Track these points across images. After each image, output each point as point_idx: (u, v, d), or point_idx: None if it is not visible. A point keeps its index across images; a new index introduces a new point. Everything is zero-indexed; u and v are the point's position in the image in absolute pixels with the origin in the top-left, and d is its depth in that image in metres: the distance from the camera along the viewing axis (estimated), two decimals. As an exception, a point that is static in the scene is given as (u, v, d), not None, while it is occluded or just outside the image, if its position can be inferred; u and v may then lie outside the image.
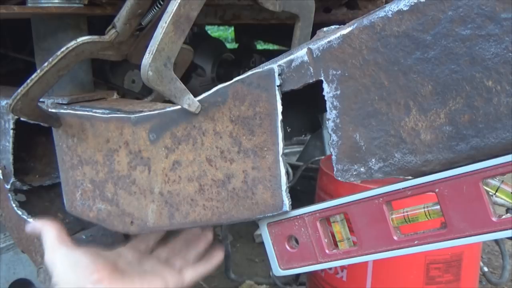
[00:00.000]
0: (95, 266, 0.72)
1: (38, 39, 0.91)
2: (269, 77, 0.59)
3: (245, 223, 1.09)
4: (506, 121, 0.46)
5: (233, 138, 0.64)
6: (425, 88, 0.50)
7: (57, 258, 0.74)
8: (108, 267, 0.73)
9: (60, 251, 0.75)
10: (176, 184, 0.70)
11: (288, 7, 0.86)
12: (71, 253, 0.74)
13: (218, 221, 0.67)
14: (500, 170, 0.48)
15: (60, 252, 0.75)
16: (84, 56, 0.74)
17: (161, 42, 0.59)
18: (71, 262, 0.73)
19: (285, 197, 0.61)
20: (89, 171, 0.81)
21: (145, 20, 0.76)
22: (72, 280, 0.71)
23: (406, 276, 1.31)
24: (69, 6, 0.83)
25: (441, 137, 0.50)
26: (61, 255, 0.74)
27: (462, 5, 0.46)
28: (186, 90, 0.64)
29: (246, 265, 2.45)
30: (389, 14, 0.51)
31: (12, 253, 1.52)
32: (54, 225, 0.79)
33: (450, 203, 0.52)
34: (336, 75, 0.55)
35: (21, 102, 0.74)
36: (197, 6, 0.61)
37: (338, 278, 1.40)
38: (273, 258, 0.67)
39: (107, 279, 0.71)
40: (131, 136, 0.73)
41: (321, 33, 0.60)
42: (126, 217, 0.77)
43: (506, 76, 0.45)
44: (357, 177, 0.57)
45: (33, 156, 1.04)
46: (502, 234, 0.49)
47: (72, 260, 0.73)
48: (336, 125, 0.57)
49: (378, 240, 0.57)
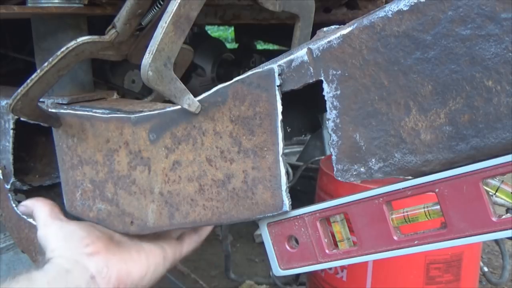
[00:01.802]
0: (90, 238, 0.70)
1: (38, 39, 0.91)
2: (269, 77, 0.59)
3: (245, 223, 1.09)
4: (506, 121, 0.46)
5: (233, 138, 0.64)
6: (425, 88, 0.50)
7: (51, 232, 0.72)
8: (103, 239, 0.72)
9: (54, 225, 0.73)
10: (176, 184, 0.70)
11: (288, 7, 0.86)
12: (66, 226, 0.72)
13: (218, 221, 0.67)
14: (500, 170, 0.48)
15: (54, 226, 0.73)
16: (84, 56, 0.74)
17: (161, 42, 0.59)
18: (65, 234, 0.71)
19: (285, 197, 0.61)
20: (89, 171, 0.81)
21: (145, 20, 0.76)
22: (67, 253, 0.69)
23: (406, 276, 1.31)
24: (69, 6, 0.83)
25: (441, 137, 0.50)
26: (55, 229, 0.72)
27: (462, 5, 0.46)
28: (186, 90, 0.64)
29: (246, 265, 2.45)
30: (389, 14, 0.51)
31: (12, 253, 1.52)
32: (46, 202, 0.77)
33: (450, 203, 0.52)
34: (336, 75, 0.55)
35: (21, 102, 0.74)
36: (197, 6, 0.61)
37: (338, 278, 1.40)
38: (273, 258, 0.67)
39: (103, 250, 0.70)
40: (131, 136, 0.74)
41: (321, 33, 0.60)
42: (126, 217, 0.77)
43: (506, 76, 0.45)
44: (357, 177, 0.57)
45: (33, 156, 1.04)
46: (502, 234, 0.49)
47: (67, 232, 0.71)
48: (336, 125, 0.57)
49: (378, 240, 0.57)
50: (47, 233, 0.73)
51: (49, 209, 0.76)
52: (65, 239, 0.71)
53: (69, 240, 0.70)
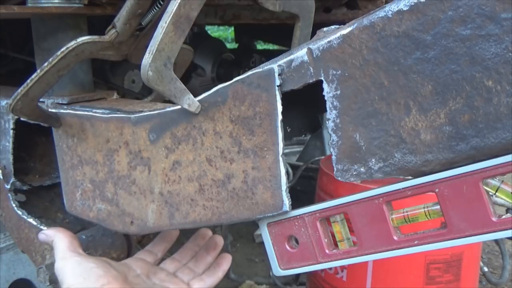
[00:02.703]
0: (107, 278, 0.70)
1: (38, 39, 0.91)
2: (269, 77, 0.59)
3: (245, 223, 1.09)
4: (506, 121, 0.46)
5: (233, 138, 0.64)
6: (425, 88, 0.50)
7: (69, 266, 0.72)
8: (119, 279, 0.72)
9: (72, 260, 0.73)
10: (176, 184, 0.70)
11: (288, 7, 0.86)
12: (84, 263, 0.73)
13: (218, 221, 0.67)
14: (500, 170, 0.48)
15: (72, 260, 0.73)
16: (84, 56, 0.74)
17: (161, 42, 0.59)
18: (83, 271, 0.71)
19: (285, 197, 0.61)
20: (89, 171, 0.81)
21: (145, 20, 0.76)
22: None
23: (406, 276, 1.31)
24: (69, 6, 0.83)
25: (441, 137, 0.50)
26: (73, 264, 0.72)
27: (462, 5, 0.46)
28: (186, 90, 0.64)
29: (246, 265, 2.45)
30: (389, 14, 0.51)
31: (12, 253, 1.52)
32: (66, 233, 0.78)
33: (450, 203, 0.52)
34: (336, 75, 0.56)
35: (21, 102, 0.74)
36: (197, 6, 0.61)
37: (338, 278, 1.40)
38: (273, 258, 0.67)
39: None
40: (131, 136, 0.74)
41: (321, 33, 0.60)
42: (126, 217, 0.77)
43: (506, 76, 0.45)
44: (357, 177, 0.57)
45: (33, 156, 1.04)
46: (502, 234, 0.49)
47: (84, 270, 0.71)
48: (336, 125, 0.57)
49: (378, 240, 0.57)
50: (65, 267, 0.72)
51: (68, 241, 0.76)
52: (82, 276, 0.70)
53: (86, 278, 0.70)
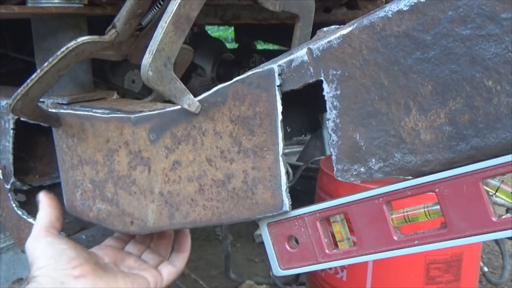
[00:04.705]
0: (79, 260, 0.69)
1: (38, 39, 0.91)
2: (269, 77, 0.59)
3: (245, 223, 1.09)
4: (506, 121, 0.46)
5: (233, 138, 0.64)
6: (425, 88, 0.50)
7: (40, 248, 0.71)
8: (91, 262, 0.71)
9: (44, 240, 0.72)
10: (176, 184, 0.70)
11: (288, 7, 0.86)
12: (56, 244, 0.71)
13: (218, 221, 0.67)
14: (500, 170, 0.48)
15: (44, 241, 0.72)
16: (84, 56, 0.74)
17: (161, 42, 0.59)
18: (54, 253, 0.70)
19: (285, 197, 0.61)
20: (89, 171, 0.81)
21: (145, 20, 0.76)
22: (54, 273, 0.67)
23: (406, 276, 1.31)
24: (69, 6, 0.83)
25: (441, 137, 0.50)
26: (44, 245, 0.71)
27: (462, 5, 0.46)
28: (186, 90, 0.64)
29: (246, 265, 2.45)
30: (389, 14, 0.51)
31: (12, 253, 1.52)
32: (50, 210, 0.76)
33: (450, 203, 0.52)
34: (336, 75, 0.56)
35: (21, 102, 0.74)
36: (197, 6, 0.61)
37: (338, 278, 1.40)
38: (273, 258, 0.67)
39: (91, 274, 0.69)
40: (131, 136, 0.74)
41: (321, 33, 0.60)
42: (126, 217, 0.77)
43: (506, 76, 0.45)
44: (357, 177, 0.57)
45: (33, 156, 1.04)
46: (502, 234, 0.49)
47: (56, 251, 0.70)
48: (336, 125, 0.57)
49: (378, 240, 0.57)
50: (35, 248, 0.71)
51: (48, 221, 0.75)
52: (54, 258, 0.69)
53: (57, 260, 0.68)
